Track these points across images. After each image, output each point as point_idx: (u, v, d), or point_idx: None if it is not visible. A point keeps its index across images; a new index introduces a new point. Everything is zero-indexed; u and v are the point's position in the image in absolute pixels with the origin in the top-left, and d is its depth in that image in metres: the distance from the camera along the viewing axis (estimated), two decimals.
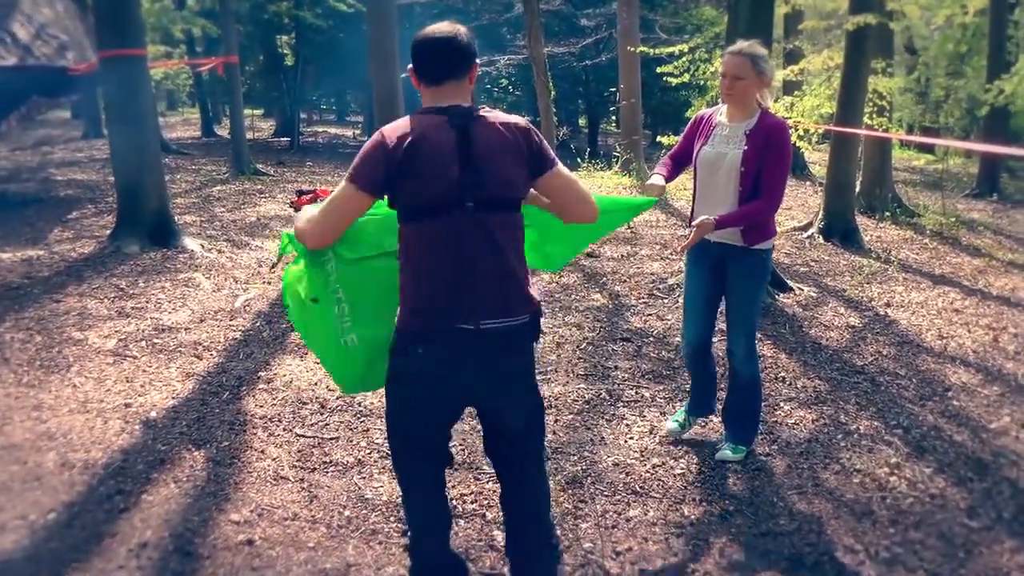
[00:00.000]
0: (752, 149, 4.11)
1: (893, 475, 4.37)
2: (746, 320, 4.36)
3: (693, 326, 4.51)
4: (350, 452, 4.43)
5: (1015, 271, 9.67)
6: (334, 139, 26.57)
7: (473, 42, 2.84)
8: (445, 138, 2.72)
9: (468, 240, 2.75)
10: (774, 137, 4.12)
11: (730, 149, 4.19)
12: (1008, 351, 6.52)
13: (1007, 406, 5.42)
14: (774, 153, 4.10)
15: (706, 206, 4.23)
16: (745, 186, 4.13)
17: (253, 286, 7.67)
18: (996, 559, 3.66)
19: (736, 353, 4.39)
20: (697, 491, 4.13)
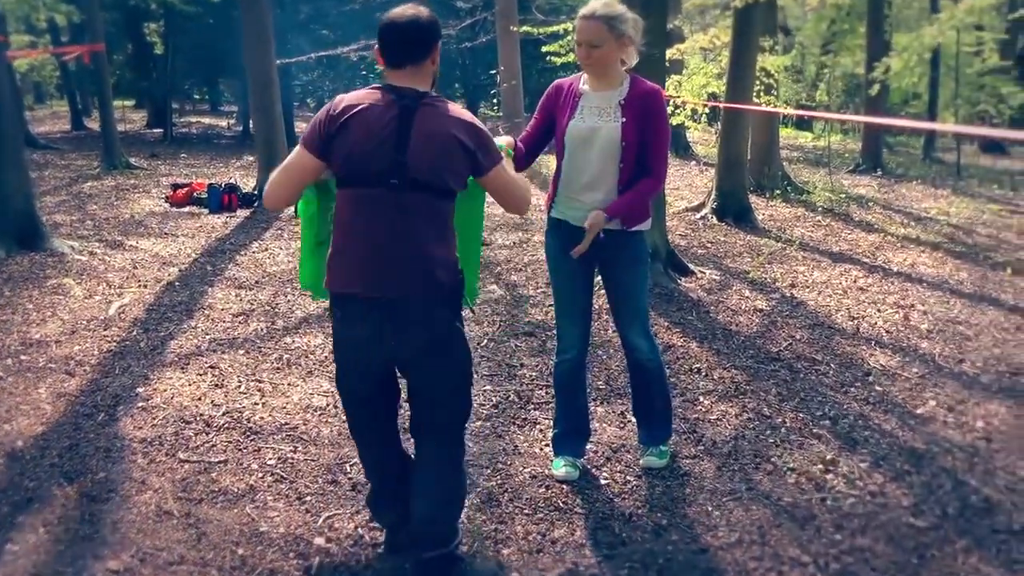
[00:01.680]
0: (630, 121, 3.68)
1: (829, 472, 4.14)
2: (641, 309, 3.94)
3: (572, 332, 3.97)
4: (240, 477, 3.96)
5: (911, 245, 9.70)
6: (208, 129, 25.54)
7: (434, 25, 2.90)
8: (387, 115, 2.80)
9: (384, 214, 2.82)
10: (654, 106, 3.71)
11: (604, 122, 3.72)
12: (921, 330, 6.42)
13: (929, 389, 5.28)
14: (656, 125, 3.70)
15: (576, 187, 3.78)
16: (627, 162, 3.70)
17: (128, 291, 7.06)
18: (950, 562, 3.44)
19: (639, 345, 3.94)
20: (625, 503, 3.80)
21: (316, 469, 4.04)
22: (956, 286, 7.87)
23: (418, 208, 2.84)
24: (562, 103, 3.85)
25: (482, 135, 2.91)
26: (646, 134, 3.70)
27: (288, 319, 6.33)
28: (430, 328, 2.92)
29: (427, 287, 2.87)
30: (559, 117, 3.84)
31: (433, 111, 2.84)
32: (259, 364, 5.38)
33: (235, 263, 8.12)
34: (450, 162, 2.84)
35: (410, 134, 2.79)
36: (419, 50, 2.88)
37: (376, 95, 2.86)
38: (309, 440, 4.34)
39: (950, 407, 5.01)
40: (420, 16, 2.88)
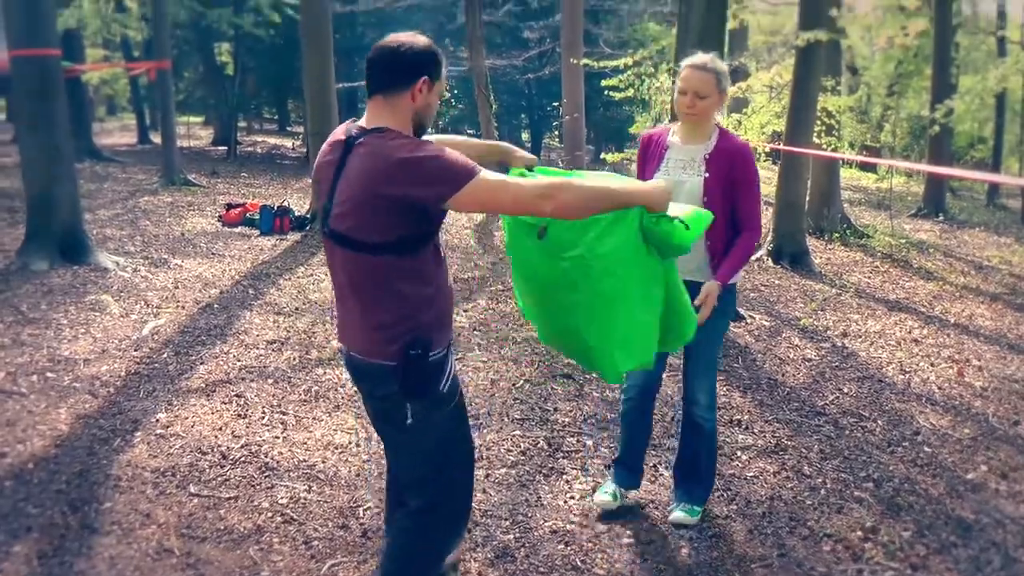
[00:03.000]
0: (714, 176, 3.66)
1: (868, 541, 3.89)
2: (711, 365, 3.88)
3: (644, 376, 3.92)
4: (248, 516, 3.83)
5: (970, 296, 9.36)
6: (273, 149, 25.79)
7: (421, 56, 2.59)
8: (332, 155, 2.59)
9: (332, 267, 2.68)
10: (741, 162, 3.67)
11: (688, 176, 3.70)
12: (975, 387, 6.12)
13: (981, 452, 5.00)
14: (745, 182, 3.66)
15: None
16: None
17: (165, 311, 7.03)
18: None
19: (700, 401, 3.87)
20: (649, 565, 3.60)
21: (328, 511, 3.90)
22: (1015, 341, 7.53)
23: (346, 263, 2.56)
24: (649, 154, 3.87)
25: (417, 166, 2.41)
26: (733, 190, 3.67)
27: (323, 349, 6.23)
28: (380, 400, 2.68)
29: (369, 353, 2.60)
30: (646, 168, 3.85)
31: (368, 149, 2.47)
32: (286, 395, 5.28)
33: (277, 287, 8.06)
34: (371, 212, 2.45)
35: (339, 178, 2.52)
36: (392, 79, 2.54)
37: (337, 132, 2.63)
38: (325, 480, 4.21)
39: (1003, 473, 4.73)
40: (406, 42, 2.57)
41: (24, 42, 8.34)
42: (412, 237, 2.50)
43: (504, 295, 7.99)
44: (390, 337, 2.55)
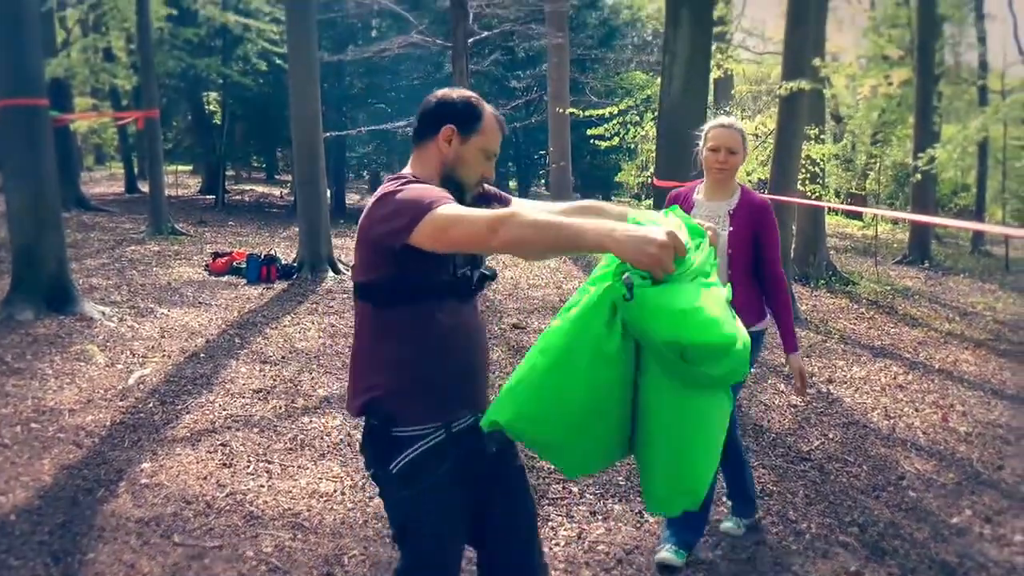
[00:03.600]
0: (738, 230, 3.91)
1: None
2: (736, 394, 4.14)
3: None
4: (233, 565, 3.82)
5: (954, 342, 9.42)
6: (261, 198, 25.89)
7: (447, 106, 2.55)
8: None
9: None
10: (764, 216, 3.94)
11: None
12: (959, 432, 6.15)
13: (966, 496, 5.02)
14: (769, 237, 3.93)
15: None
16: (734, 269, 3.91)
17: (151, 360, 7.03)
18: None
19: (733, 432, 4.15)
20: None
21: (313, 559, 3.89)
22: (998, 387, 7.58)
23: (357, 311, 2.52)
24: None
25: (384, 203, 2.35)
26: (757, 244, 3.93)
27: (309, 398, 6.24)
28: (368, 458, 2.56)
29: (352, 408, 2.50)
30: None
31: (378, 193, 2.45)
32: (272, 444, 5.28)
33: (264, 336, 8.07)
34: (358, 251, 2.46)
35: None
36: (420, 127, 2.56)
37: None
38: (310, 528, 4.20)
39: (987, 518, 4.75)
40: (439, 93, 2.58)
41: (11, 91, 8.41)
42: (387, 284, 2.40)
43: (490, 343, 8.00)
44: (354, 390, 2.50)
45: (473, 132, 2.51)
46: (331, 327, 8.49)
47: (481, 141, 2.52)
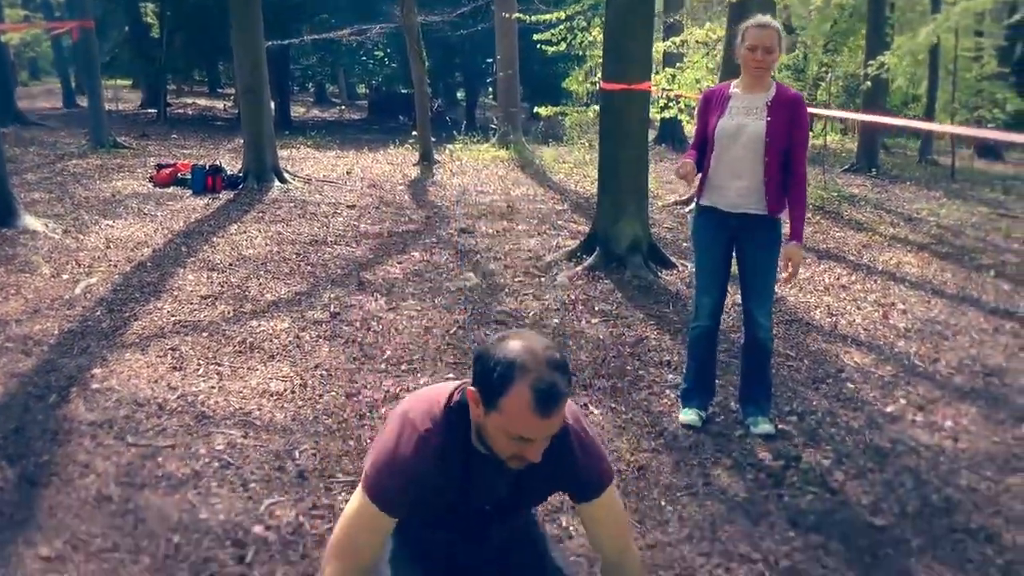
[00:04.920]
0: (775, 121, 4.16)
1: (789, 468, 4.05)
2: (770, 288, 4.44)
3: (709, 303, 4.48)
4: (186, 463, 3.86)
5: (898, 245, 9.61)
6: (204, 111, 25.42)
7: (480, 363, 2.03)
8: None
9: None
10: (799, 111, 4.19)
11: (751, 120, 4.21)
12: (899, 328, 6.33)
13: (901, 387, 5.19)
14: (801, 129, 4.20)
15: (724, 177, 4.28)
16: (770, 156, 4.17)
17: (97, 270, 6.96)
18: (903, 561, 3.36)
19: (762, 324, 4.40)
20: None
21: (264, 455, 3.95)
22: (939, 287, 7.78)
23: None
24: (713, 106, 4.34)
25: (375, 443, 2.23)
26: (791, 135, 4.18)
27: (257, 303, 6.24)
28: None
29: None
30: (710, 118, 4.32)
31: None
32: (221, 347, 5.29)
33: (211, 245, 8.02)
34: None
35: None
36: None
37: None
38: (261, 426, 4.25)
39: (920, 406, 4.93)
40: (494, 341, 2.10)
41: None
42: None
43: (438, 247, 8.03)
44: None
45: (493, 408, 1.99)
46: (278, 235, 8.45)
47: (501, 421, 1.99)
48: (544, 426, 1.97)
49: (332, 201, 10.27)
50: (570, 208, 10.37)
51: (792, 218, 4.29)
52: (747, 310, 4.45)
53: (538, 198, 11.01)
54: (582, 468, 2.19)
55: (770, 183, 4.21)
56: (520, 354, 1.95)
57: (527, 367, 1.93)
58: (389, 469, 2.08)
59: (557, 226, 9.21)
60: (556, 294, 6.63)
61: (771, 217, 4.29)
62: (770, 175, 4.20)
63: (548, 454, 2.08)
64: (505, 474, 2.13)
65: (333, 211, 9.69)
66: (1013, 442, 4.56)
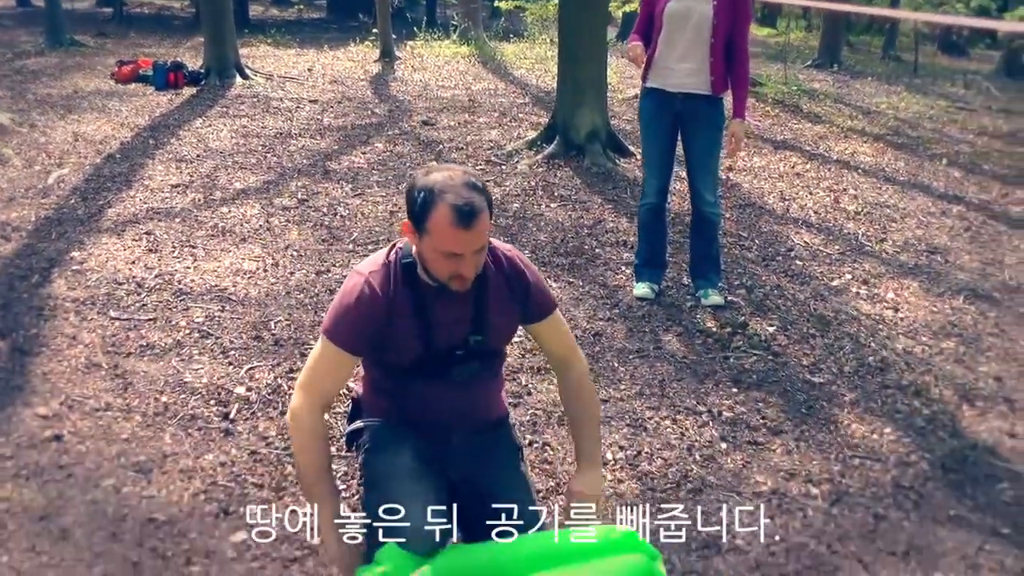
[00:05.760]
0: (721, 3, 4.35)
1: (736, 335, 4.34)
2: (714, 166, 4.70)
3: (658, 178, 4.69)
4: (168, 334, 4.09)
5: (854, 136, 9.82)
6: (162, 9, 24.88)
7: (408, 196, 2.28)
8: None
9: None
10: None
11: (698, 3, 4.37)
12: (848, 211, 6.59)
13: (848, 264, 5.47)
14: (745, 14, 4.42)
15: (671, 59, 4.47)
16: (716, 38, 4.37)
17: (68, 162, 7.05)
18: (836, 411, 3.67)
19: (707, 198, 4.63)
20: (534, 361, 3.96)
21: (242, 326, 4.18)
22: (891, 174, 8.03)
23: None
24: None
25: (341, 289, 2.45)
26: (735, 16, 4.39)
27: (226, 191, 6.38)
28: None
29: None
30: (657, 1, 4.49)
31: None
32: (194, 232, 5.46)
33: (177, 138, 8.09)
34: None
35: None
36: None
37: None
38: (237, 301, 4.46)
39: (864, 281, 5.22)
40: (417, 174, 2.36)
41: None
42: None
43: (400, 139, 8.15)
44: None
45: (423, 231, 2.22)
46: (243, 128, 8.52)
47: (431, 242, 2.21)
48: (468, 239, 2.18)
49: (295, 97, 10.30)
50: (531, 102, 10.46)
51: (735, 97, 4.52)
52: (693, 188, 4.69)
53: (499, 92, 11.09)
54: (533, 287, 2.46)
55: (716, 64, 4.41)
56: (438, 180, 2.20)
57: (445, 189, 2.18)
58: (340, 308, 2.34)
59: (518, 118, 9.33)
60: (517, 181, 6.82)
61: (715, 96, 4.49)
62: (716, 56, 4.40)
63: (502, 277, 2.41)
64: (461, 303, 2.35)
65: (296, 106, 9.73)
66: (950, 311, 4.87)
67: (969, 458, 3.51)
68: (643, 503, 3.09)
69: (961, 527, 3.10)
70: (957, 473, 3.40)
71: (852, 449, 3.49)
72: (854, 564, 2.88)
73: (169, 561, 2.68)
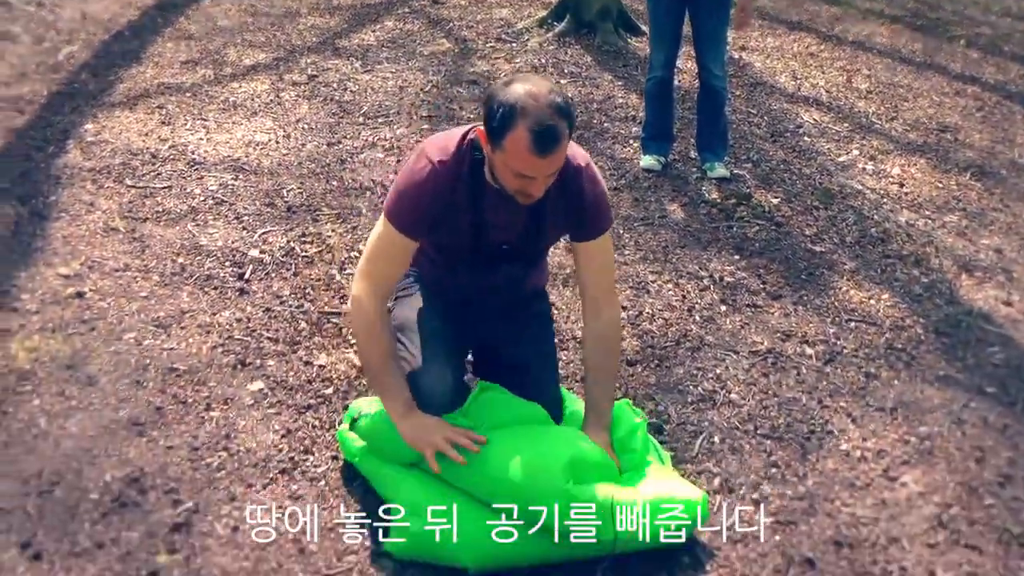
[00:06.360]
0: None
1: (741, 205, 4.40)
2: (721, 41, 4.63)
3: (665, 51, 4.67)
4: (183, 200, 4.18)
5: (872, 17, 9.66)
6: None
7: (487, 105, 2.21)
8: None
9: None
10: None
11: None
12: (860, 90, 6.56)
13: (856, 141, 5.49)
14: None
15: None
16: None
17: (77, 39, 7.04)
18: (836, 279, 3.76)
19: (714, 71, 4.62)
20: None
21: (255, 194, 4.26)
22: (907, 55, 7.93)
23: None
24: None
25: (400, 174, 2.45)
26: None
27: (236, 67, 6.38)
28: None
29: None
30: None
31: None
32: (205, 105, 5.49)
33: (186, 16, 8.01)
34: None
35: None
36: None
37: None
38: (250, 170, 4.54)
39: (872, 157, 5.25)
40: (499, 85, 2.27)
41: None
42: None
43: (410, 17, 8.07)
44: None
45: (497, 146, 2.16)
46: (251, 7, 8.41)
47: (504, 158, 2.17)
48: (542, 165, 2.13)
49: None
50: None
51: None
52: (701, 61, 4.68)
53: None
54: (590, 205, 2.37)
55: None
56: (522, 97, 2.09)
57: (527, 110, 2.08)
58: (404, 193, 2.31)
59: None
60: (527, 58, 6.79)
61: None
62: None
63: (562, 190, 2.33)
64: (519, 210, 2.35)
65: None
66: (955, 187, 4.92)
67: (963, 323, 3.61)
68: (643, 360, 3.21)
69: (949, 386, 3.22)
70: (950, 337, 3.51)
71: (849, 313, 3.59)
72: (843, 418, 3.01)
73: (190, 407, 2.82)
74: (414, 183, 2.30)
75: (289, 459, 2.63)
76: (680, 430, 2.89)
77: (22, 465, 2.51)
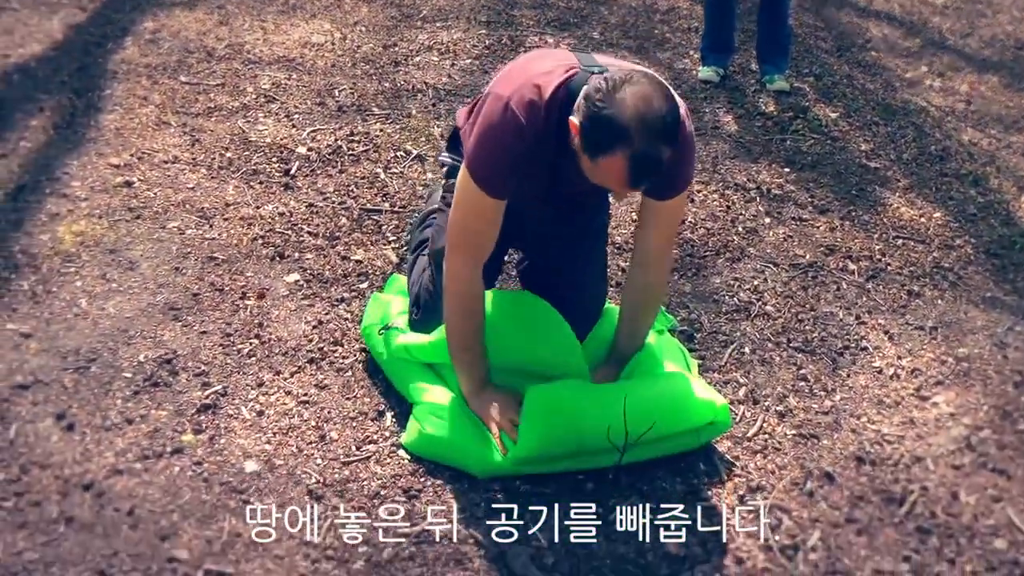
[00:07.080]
0: None
1: (797, 119, 4.31)
2: None
3: None
4: (236, 98, 4.21)
5: None
6: None
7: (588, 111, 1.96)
8: None
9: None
10: None
11: None
12: (936, 5, 6.30)
13: (926, 58, 5.31)
14: None
15: None
16: None
17: None
18: (888, 196, 3.68)
19: None
20: None
21: (307, 93, 4.28)
22: None
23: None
24: None
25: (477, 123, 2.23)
26: None
27: None
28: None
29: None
30: None
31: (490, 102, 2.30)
32: (264, 7, 5.46)
33: None
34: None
35: None
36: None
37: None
38: (304, 70, 4.55)
39: (940, 74, 5.08)
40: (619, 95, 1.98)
41: None
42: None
43: None
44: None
45: (591, 159, 1.98)
46: None
47: (595, 172, 2.02)
48: (636, 190, 2.06)
49: None
50: None
51: None
52: None
53: None
54: (672, 164, 2.03)
55: None
56: (630, 117, 1.87)
57: (631, 136, 1.87)
58: (493, 156, 2.14)
59: None
60: None
61: None
62: None
63: None
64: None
65: None
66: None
67: (1017, 245, 3.52)
68: (680, 268, 3.19)
69: (995, 308, 3.15)
70: (1001, 259, 3.43)
71: (897, 230, 3.52)
72: (880, 335, 2.97)
73: (226, 295, 2.89)
74: (504, 147, 2.13)
75: (319, 349, 2.68)
76: (711, 339, 2.88)
77: (61, 342, 2.60)
